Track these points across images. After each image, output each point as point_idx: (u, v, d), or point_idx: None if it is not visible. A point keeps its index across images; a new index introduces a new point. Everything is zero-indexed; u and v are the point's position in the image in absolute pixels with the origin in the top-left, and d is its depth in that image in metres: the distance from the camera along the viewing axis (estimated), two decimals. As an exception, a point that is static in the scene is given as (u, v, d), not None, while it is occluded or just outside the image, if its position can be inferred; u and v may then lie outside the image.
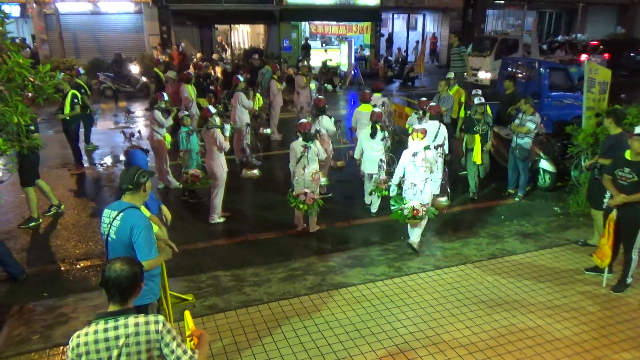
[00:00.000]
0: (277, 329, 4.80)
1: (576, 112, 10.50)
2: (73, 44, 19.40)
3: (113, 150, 11.19)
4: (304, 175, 6.59)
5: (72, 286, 5.71)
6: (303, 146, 6.55)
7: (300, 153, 6.55)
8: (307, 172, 6.58)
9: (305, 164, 6.55)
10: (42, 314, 5.09)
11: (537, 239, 6.80)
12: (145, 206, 4.06)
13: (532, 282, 5.66)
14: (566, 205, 7.81)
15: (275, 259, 6.32)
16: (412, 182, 6.15)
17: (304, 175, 6.59)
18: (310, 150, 6.52)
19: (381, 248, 6.56)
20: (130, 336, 2.49)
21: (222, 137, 7.00)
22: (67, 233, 7.08)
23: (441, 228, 7.22)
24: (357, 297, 5.34)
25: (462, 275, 5.81)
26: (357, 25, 23.02)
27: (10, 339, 4.69)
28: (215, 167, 7.10)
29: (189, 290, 5.47)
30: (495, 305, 5.20)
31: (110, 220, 3.56)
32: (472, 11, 24.89)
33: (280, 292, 5.46)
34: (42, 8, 18.39)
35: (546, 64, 11.57)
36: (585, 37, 26.90)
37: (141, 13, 19.66)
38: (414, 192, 6.14)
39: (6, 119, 4.32)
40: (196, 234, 7.03)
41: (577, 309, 5.15)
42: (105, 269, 2.57)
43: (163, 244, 4.05)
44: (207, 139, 7.13)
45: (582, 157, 7.84)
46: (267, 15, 20.86)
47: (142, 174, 3.63)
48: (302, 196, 6.50)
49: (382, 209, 7.94)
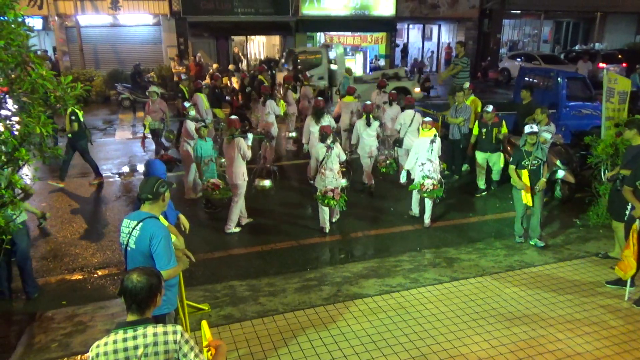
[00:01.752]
0: (293, 339, 4.78)
1: (595, 122, 10.38)
2: (93, 56, 19.80)
3: (131, 160, 11.34)
4: (327, 175, 7.00)
5: (90, 294, 5.78)
6: (327, 147, 7.00)
7: (324, 154, 7.01)
8: (329, 172, 7.04)
9: (328, 163, 7.00)
10: (60, 322, 5.15)
11: (556, 251, 6.69)
12: (164, 215, 4.10)
13: (552, 295, 5.57)
14: (585, 217, 7.69)
15: (291, 269, 6.32)
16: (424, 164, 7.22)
17: (327, 175, 7.01)
18: (332, 151, 6.99)
19: (396, 259, 6.52)
20: (149, 346, 2.50)
21: (245, 146, 7.11)
22: (85, 242, 7.17)
23: (457, 239, 7.16)
24: (372, 309, 5.30)
25: (479, 287, 5.74)
26: (372, 35, 23.13)
27: (30, 346, 4.75)
28: (236, 177, 7.18)
29: (205, 299, 5.48)
30: (513, 319, 5.13)
31: (129, 230, 3.59)
32: (488, 21, 24.82)
33: (296, 302, 5.45)
34: (64, 21, 18.82)
35: (564, 74, 11.46)
36: (603, 46, 26.63)
37: (159, 25, 20.00)
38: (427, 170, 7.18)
39: (29, 129, 4.40)
40: (211, 244, 7.07)
41: (598, 323, 5.05)
42: (125, 280, 2.60)
43: (181, 254, 4.08)
44: (229, 148, 7.19)
45: (601, 167, 7.72)
46: (283, 26, 21.06)
47: (161, 184, 3.67)
48: (329, 193, 6.91)
49: (395, 218, 7.91)
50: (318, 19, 21.52)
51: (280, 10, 20.69)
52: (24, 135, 4.42)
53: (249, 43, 26.05)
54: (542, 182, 6.54)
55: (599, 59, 21.70)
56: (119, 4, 18.73)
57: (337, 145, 7.11)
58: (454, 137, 9.47)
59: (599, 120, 8.41)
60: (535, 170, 6.51)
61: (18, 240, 5.47)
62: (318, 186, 7.14)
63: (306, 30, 21.63)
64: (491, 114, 8.50)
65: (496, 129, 8.52)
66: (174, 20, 19.71)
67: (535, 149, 6.53)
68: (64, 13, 18.46)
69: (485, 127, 8.57)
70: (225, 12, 19.91)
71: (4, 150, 4.36)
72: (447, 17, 25.14)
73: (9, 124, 4.42)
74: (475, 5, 24.42)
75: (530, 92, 9.65)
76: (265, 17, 20.61)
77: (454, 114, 9.39)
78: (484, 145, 8.65)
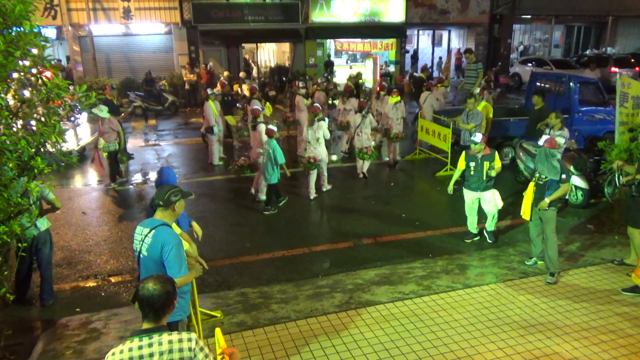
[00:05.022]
0: (305, 347, 4.77)
1: (608, 127, 10.28)
2: (106, 65, 20.03)
3: (143, 167, 11.43)
4: (362, 136, 9.98)
5: (104, 301, 5.81)
6: (362, 116, 9.95)
7: (360, 121, 9.98)
8: (363, 134, 9.99)
9: (363, 128, 9.97)
10: (75, 329, 5.19)
11: (570, 258, 6.62)
12: (176, 222, 4.12)
13: (567, 303, 5.50)
14: (600, 223, 7.59)
15: (302, 275, 6.32)
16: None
17: (362, 136, 9.98)
18: (366, 119, 9.99)
19: (408, 265, 6.49)
20: (164, 354, 2.51)
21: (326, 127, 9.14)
22: (98, 249, 7.23)
23: (470, 246, 7.11)
24: (385, 316, 5.27)
25: (493, 295, 5.69)
26: (382, 42, 23.13)
27: (45, 353, 4.78)
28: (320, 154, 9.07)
29: (217, 306, 5.50)
30: (528, 326, 5.07)
31: (142, 237, 3.62)
32: (498, 26, 24.73)
33: (308, 309, 5.44)
34: (77, 31, 19.07)
35: (576, 79, 11.37)
36: (615, 50, 26.40)
37: (171, 34, 20.20)
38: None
39: (45, 137, 4.46)
40: (223, 250, 7.09)
41: (615, 331, 4.97)
42: (140, 288, 2.61)
43: (193, 261, 4.09)
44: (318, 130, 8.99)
45: (615, 173, 7.64)
46: (293, 33, 21.16)
47: (174, 193, 3.67)
48: (364, 149, 9.87)
49: (407, 224, 7.88)
50: (328, 26, 21.60)
51: (290, 18, 20.80)
52: (40, 144, 4.49)
53: (259, 50, 26.18)
54: (544, 202, 5.86)
55: (611, 63, 21.52)
56: (131, 14, 18.95)
57: (369, 115, 10.06)
58: (465, 143, 9.41)
59: (613, 125, 8.33)
60: (542, 186, 5.93)
61: (42, 247, 5.55)
62: (356, 145, 10.08)
63: (316, 37, 21.72)
64: (480, 145, 6.78)
65: (488, 162, 6.79)
66: (185, 29, 19.89)
67: (541, 163, 5.88)
68: (77, 23, 18.72)
69: (473, 161, 6.87)
70: (236, 20, 20.06)
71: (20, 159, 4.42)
72: (457, 23, 25.09)
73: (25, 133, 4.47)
74: (485, 11, 24.36)
75: (542, 97, 9.58)
76: (275, 24, 20.73)
77: (466, 119, 9.36)
78: (473, 183, 6.91)
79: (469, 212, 7.18)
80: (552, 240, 5.97)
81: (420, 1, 22.80)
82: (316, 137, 8.99)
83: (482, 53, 24.59)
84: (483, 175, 6.77)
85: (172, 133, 15.11)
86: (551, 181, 5.85)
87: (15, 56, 4.12)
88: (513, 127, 10.78)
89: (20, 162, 4.43)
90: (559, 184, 5.81)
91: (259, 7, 20.26)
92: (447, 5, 23.61)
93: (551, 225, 5.97)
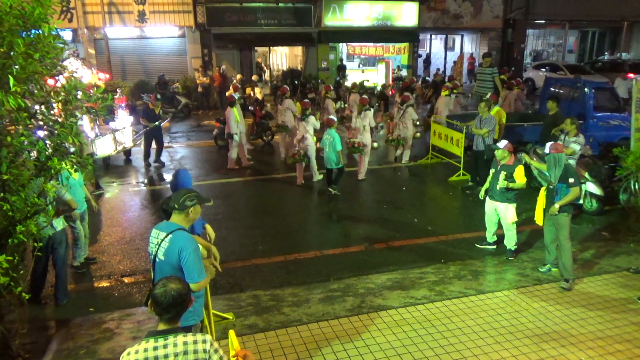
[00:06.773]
0: (317, 351, 4.76)
1: (624, 134, 10.16)
2: (120, 67, 20.24)
3: (157, 169, 11.51)
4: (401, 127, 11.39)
5: (117, 302, 5.86)
6: (403, 110, 11.26)
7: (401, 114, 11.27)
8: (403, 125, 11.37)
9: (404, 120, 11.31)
10: (88, 329, 5.23)
11: (585, 265, 6.54)
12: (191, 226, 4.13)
13: (581, 311, 5.43)
14: (615, 230, 7.50)
15: (314, 279, 6.31)
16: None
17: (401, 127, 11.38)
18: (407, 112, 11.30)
19: (421, 270, 6.46)
20: (179, 355, 2.52)
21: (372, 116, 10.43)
22: (112, 249, 7.29)
23: (483, 252, 7.06)
24: (397, 321, 5.25)
25: (506, 301, 5.64)
26: (394, 46, 23.12)
27: (58, 353, 4.83)
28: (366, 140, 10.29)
29: (229, 309, 5.51)
30: (542, 334, 5.01)
31: (158, 241, 3.60)
32: (511, 31, 24.60)
33: (320, 313, 5.44)
34: (93, 33, 19.32)
35: (591, 84, 11.26)
36: (630, 56, 26.10)
37: (184, 37, 20.37)
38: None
39: (62, 139, 4.52)
40: (235, 252, 7.11)
41: (630, 341, 4.90)
42: (155, 289, 2.62)
43: (207, 263, 4.11)
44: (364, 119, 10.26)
45: (631, 180, 7.55)
46: (306, 37, 21.23)
47: (189, 198, 3.65)
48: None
49: (418, 229, 7.85)
50: (340, 30, 21.64)
51: (303, 22, 20.88)
52: (57, 145, 4.55)
53: (272, 54, 26.30)
54: (553, 207, 5.82)
55: (626, 68, 21.28)
56: (145, 17, 19.15)
57: (409, 109, 11.26)
58: (478, 148, 9.37)
59: (628, 132, 8.23)
60: (552, 190, 5.88)
61: (58, 247, 5.62)
62: (396, 132, 11.41)
63: (328, 41, 21.77)
64: (501, 152, 6.49)
65: (505, 173, 6.41)
66: (199, 32, 20.06)
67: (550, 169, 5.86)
68: (92, 26, 18.96)
69: (494, 167, 6.71)
70: (249, 23, 20.19)
71: (37, 160, 4.48)
72: (470, 27, 25.00)
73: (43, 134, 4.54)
74: (498, 15, 24.24)
75: (556, 102, 9.50)
76: (288, 28, 20.82)
77: (479, 124, 9.30)
78: (491, 190, 6.74)
79: (487, 221, 6.99)
80: (566, 247, 5.91)
81: (433, 5, 22.74)
82: (362, 125, 10.23)
83: (495, 58, 24.45)
84: (497, 184, 6.52)
85: (185, 135, 15.23)
86: (560, 186, 5.82)
87: (35, 58, 4.18)
88: (527, 133, 10.70)
89: (38, 163, 4.49)
90: (568, 188, 5.77)
91: (272, 10, 20.37)
92: (460, 10, 23.54)
93: (565, 232, 5.91)
